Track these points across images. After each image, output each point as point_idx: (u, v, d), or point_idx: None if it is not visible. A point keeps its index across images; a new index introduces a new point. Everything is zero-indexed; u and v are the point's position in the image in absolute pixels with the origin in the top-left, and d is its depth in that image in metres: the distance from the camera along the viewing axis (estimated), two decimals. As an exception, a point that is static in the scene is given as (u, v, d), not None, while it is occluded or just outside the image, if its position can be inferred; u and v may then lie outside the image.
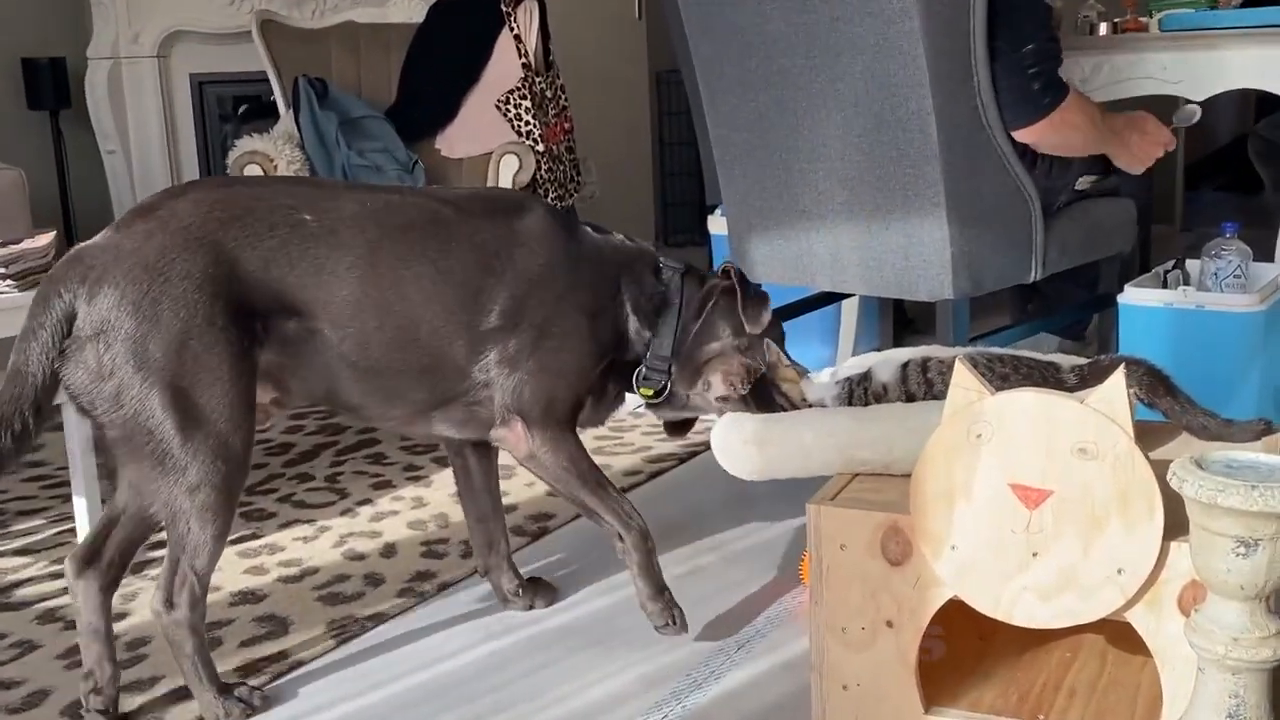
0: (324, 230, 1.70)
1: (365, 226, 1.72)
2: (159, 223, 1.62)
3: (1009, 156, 2.26)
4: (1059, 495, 1.33)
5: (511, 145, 3.92)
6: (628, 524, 1.83)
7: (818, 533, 1.49)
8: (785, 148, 2.40)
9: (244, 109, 4.91)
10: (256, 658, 1.88)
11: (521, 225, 1.81)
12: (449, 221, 1.78)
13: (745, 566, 2.16)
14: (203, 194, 1.69)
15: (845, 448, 1.59)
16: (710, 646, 1.88)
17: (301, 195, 1.73)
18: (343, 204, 1.74)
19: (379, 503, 2.56)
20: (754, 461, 1.67)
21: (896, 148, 2.23)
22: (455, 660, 1.88)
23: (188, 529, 1.62)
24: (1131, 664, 1.59)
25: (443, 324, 1.74)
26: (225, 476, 1.61)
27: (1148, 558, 1.31)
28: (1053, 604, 1.36)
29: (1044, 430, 1.33)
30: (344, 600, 2.09)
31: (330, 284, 1.69)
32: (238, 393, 1.61)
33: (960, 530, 1.38)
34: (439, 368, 1.76)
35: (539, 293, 1.79)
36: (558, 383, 1.80)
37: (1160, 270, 2.54)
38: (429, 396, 1.78)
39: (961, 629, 1.60)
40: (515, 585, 2.05)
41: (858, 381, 1.72)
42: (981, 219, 2.25)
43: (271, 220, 1.68)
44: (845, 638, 1.50)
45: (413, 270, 1.73)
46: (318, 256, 1.69)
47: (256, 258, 1.65)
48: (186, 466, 1.59)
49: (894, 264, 2.30)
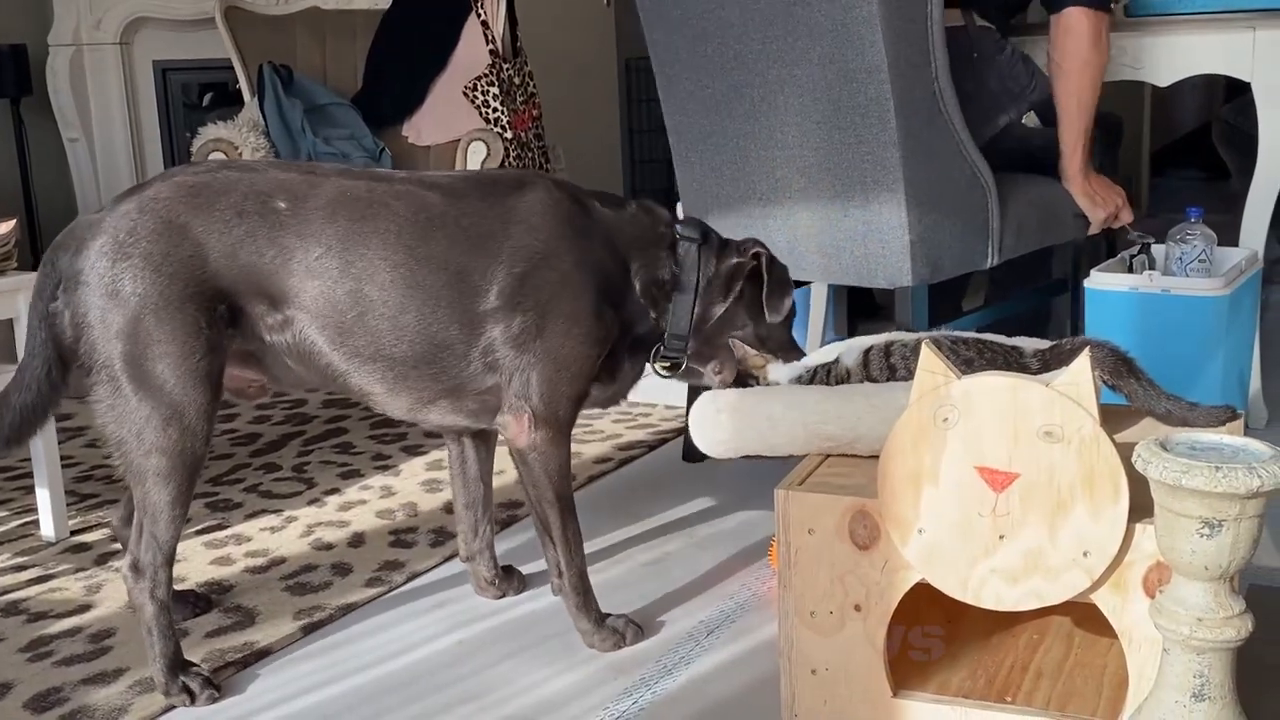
0: (295, 219, 1.71)
1: (338, 215, 1.72)
2: (138, 203, 1.70)
3: (965, 144, 2.28)
4: (1025, 478, 1.34)
5: (479, 132, 3.91)
6: (571, 561, 1.83)
7: (786, 517, 1.49)
8: (741, 134, 2.39)
9: (208, 96, 4.87)
10: (223, 648, 1.87)
11: (520, 202, 1.78)
12: (432, 206, 1.76)
13: (714, 552, 2.16)
14: (186, 178, 1.73)
15: (811, 422, 1.60)
16: (680, 632, 1.88)
17: (282, 182, 1.74)
18: (322, 191, 1.74)
19: (347, 492, 2.55)
20: (724, 431, 1.68)
21: (855, 134, 2.22)
22: (424, 650, 1.87)
23: (146, 492, 1.69)
24: (1098, 645, 1.60)
25: (431, 311, 1.73)
26: (178, 444, 1.68)
27: (1113, 540, 1.32)
28: (1019, 586, 1.36)
29: (1010, 413, 1.34)
30: (311, 590, 2.08)
31: (301, 274, 1.70)
32: (190, 366, 1.67)
33: (927, 514, 1.39)
34: (437, 356, 1.75)
35: (541, 272, 1.75)
36: (561, 374, 1.77)
37: (1126, 255, 2.56)
38: (434, 385, 1.77)
39: (929, 612, 1.61)
40: (493, 573, 2.04)
41: (822, 367, 1.73)
42: (939, 205, 2.26)
43: (242, 207, 1.70)
44: (814, 622, 1.50)
45: (389, 259, 1.72)
46: (286, 246, 1.70)
47: (224, 244, 1.68)
48: (142, 431, 1.67)
49: (852, 251, 2.30)
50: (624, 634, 1.85)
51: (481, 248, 1.75)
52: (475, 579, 2.06)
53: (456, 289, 1.73)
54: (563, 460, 1.80)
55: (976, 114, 2.37)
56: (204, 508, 2.49)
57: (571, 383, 1.78)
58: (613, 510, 2.39)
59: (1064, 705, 1.48)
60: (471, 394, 1.79)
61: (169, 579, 1.73)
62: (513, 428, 1.78)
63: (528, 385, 1.76)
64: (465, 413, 1.82)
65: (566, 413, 1.79)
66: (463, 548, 2.05)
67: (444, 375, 1.76)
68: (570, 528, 1.83)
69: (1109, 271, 2.47)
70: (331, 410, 3.17)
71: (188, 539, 2.31)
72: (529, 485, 1.82)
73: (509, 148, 4.02)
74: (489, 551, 2.04)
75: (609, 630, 1.85)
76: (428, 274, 1.73)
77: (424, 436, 2.90)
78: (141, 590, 1.72)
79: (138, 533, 1.72)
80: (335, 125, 3.96)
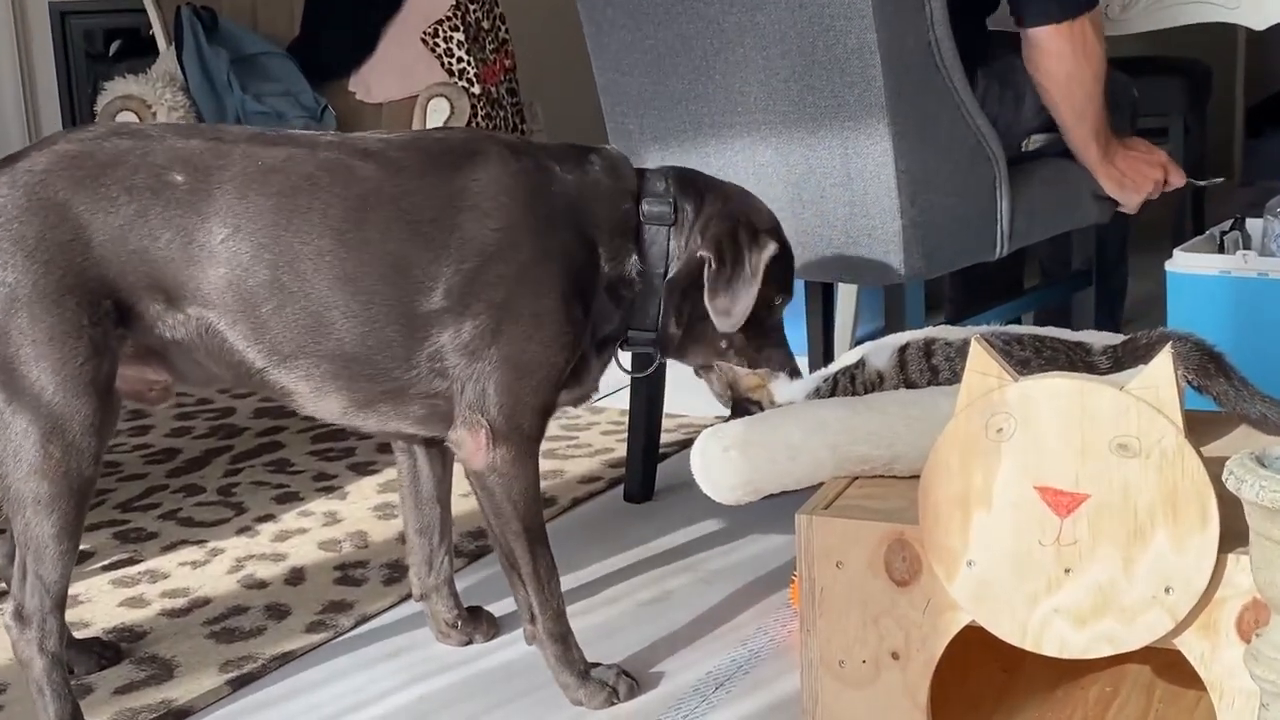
0: (196, 196, 1.70)
1: (249, 191, 1.71)
2: (10, 177, 1.68)
3: (968, 105, 2.25)
4: (1095, 500, 1.34)
5: (441, 86, 3.90)
6: (545, 602, 1.83)
7: (809, 548, 1.49)
8: (692, 96, 2.36)
9: (116, 45, 4.87)
10: (135, 706, 1.87)
11: (470, 182, 1.77)
12: (366, 180, 1.75)
13: (723, 590, 2.17)
14: (66, 146, 1.72)
15: (839, 445, 1.60)
16: (683, 686, 1.88)
17: (182, 151, 1.73)
18: (231, 161, 1.73)
19: (283, 519, 2.55)
20: (736, 473, 1.67)
21: (832, 95, 2.20)
22: (378, 707, 1.87)
23: (26, 524, 1.69)
24: (1183, 700, 1.61)
25: (362, 308, 1.73)
26: (60, 464, 1.67)
27: (1200, 573, 1.32)
28: (1089, 630, 1.37)
29: (1077, 423, 1.34)
30: (241, 637, 2.08)
31: (203, 260, 1.70)
32: (70, 372, 1.66)
33: (978, 543, 1.39)
34: (371, 358, 1.75)
35: (495, 266, 1.75)
36: (523, 382, 1.77)
37: (1216, 232, 2.56)
38: (369, 387, 1.78)
39: (981, 660, 1.61)
40: (454, 614, 2.04)
41: (844, 371, 1.73)
42: (936, 183, 2.24)
43: (131, 183, 1.69)
44: (843, 673, 1.50)
45: (312, 245, 1.72)
46: (185, 227, 1.70)
47: (110, 226, 1.68)
48: (19, 449, 1.66)
49: (832, 241, 2.28)
50: (616, 687, 1.84)
51: (424, 237, 1.74)
52: (434, 621, 2.05)
53: (394, 284, 1.73)
54: (528, 482, 1.80)
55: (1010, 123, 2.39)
56: (112, 538, 2.49)
57: (535, 392, 1.77)
58: (603, 539, 2.39)
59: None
60: (417, 398, 1.79)
61: (61, 626, 1.72)
62: (468, 445, 1.77)
63: (483, 396, 1.75)
64: (411, 418, 1.82)
65: (532, 426, 1.79)
66: (416, 584, 2.05)
67: (381, 377, 1.77)
68: (542, 563, 1.82)
69: (1195, 251, 2.47)
70: (265, 420, 3.17)
71: (93, 575, 2.31)
72: (490, 514, 1.81)
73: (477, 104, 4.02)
74: (448, 588, 2.04)
75: (596, 684, 1.83)
76: (359, 265, 1.72)
77: (375, 451, 2.91)
78: (28, 642, 1.70)
79: (21, 574, 1.71)
80: (268, 79, 3.96)
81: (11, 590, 1.74)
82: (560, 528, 2.44)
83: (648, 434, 2.55)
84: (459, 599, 2.05)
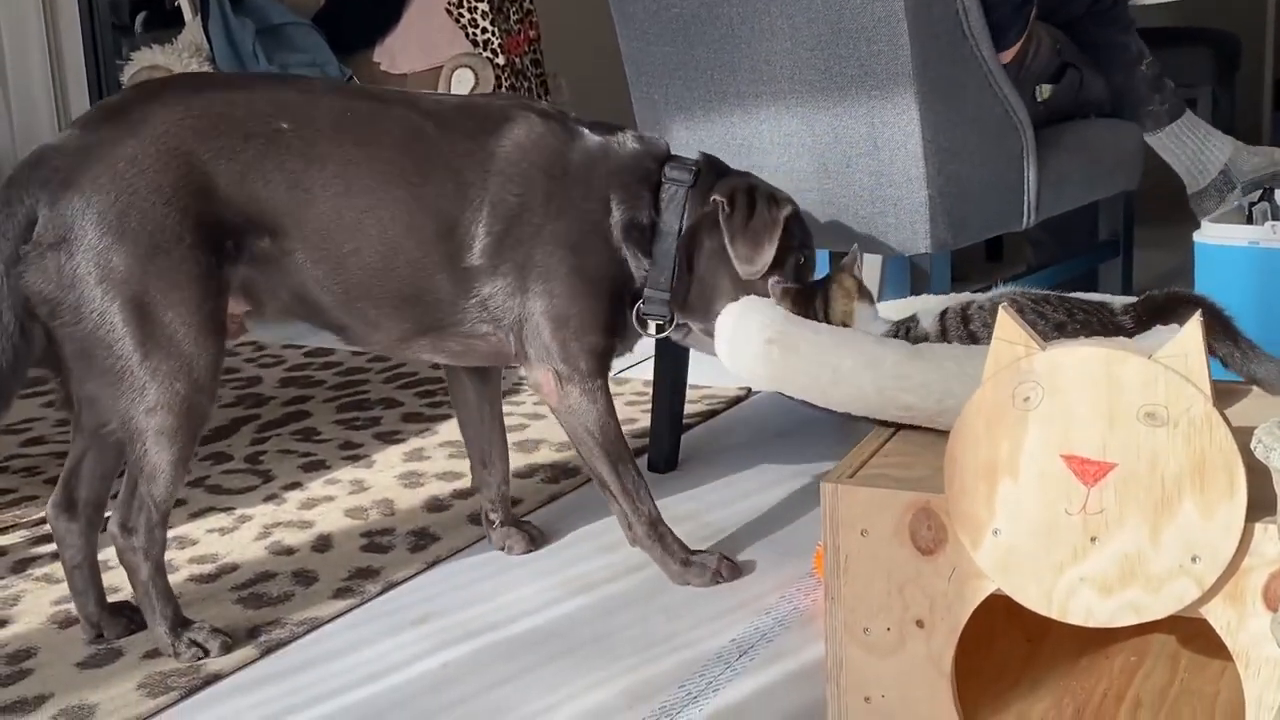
0: (301, 141, 1.85)
1: (343, 140, 1.87)
2: (129, 127, 1.77)
3: (995, 74, 2.24)
4: (1122, 469, 1.34)
5: (465, 57, 3.90)
6: (637, 510, 2.03)
7: (834, 516, 1.49)
8: (717, 65, 2.36)
9: (142, 16, 4.87)
10: (164, 671, 1.88)
11: (499, 147, 1.92)
12: (431, 140, 1.90)
13: (747, 558, 2.17)
14: (177, 96, 1.83)
15: (887, 388, 1.59)
16: (707, 654, 1.88)
17: (282, 100, 1.87)
18: (321, 111, 1.88)
19: (310, 487, 2.56)
20: (772, 365, 1.67)
21: (859, 64, 2.19)
22: (403, 673, 1.88)
23: (144, 452, 1.81)
24: (1208, 669, 1.61)
25: (422, 256, 1.89)
26: (185, 400, 1.80)
27: (1228, 542, 1.32)
28: (1114, 598, 1.36)
29: (1104, 391, 1.33)
30: (269, 603, 2.09)
31: (304, 201, 1.85)
32: (204, 315, 1.79)
33: (1004, 512, 1.39)
34: (422, 300, 1.92)
35: (516, 229, 1.92)
36: (563, 330, 1.95)
37: (1245, 203, 2.54)
38: (415, 325, 1.95)
39: (1006, 629, 1.61)
40: (497, 516, 2.21)
41: (902, 324, 1.75)
42: (963, 153, 2.23)
43: (248, 129, 1.82)
44: (867, 641, 1.50)
45: (390, 194, 1.88)
46: (293, 170, 1.84)
47: (232, 171, 1.81)
48: (145, 386, 1.77)
49: (857, 211, 2.27)
50: (719, 570, 2.05)
51: (466, 199, 1.91)
52: (485, 523, 2.24)
53: (445, 239, 1.90)
54: (599, 413, 1.99)
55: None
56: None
57: (579, 336, 1.96)
58: (627, 508, 2.40)
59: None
60: (458, 337, 1.96)
61: (165, 537, 1.88)
62: (544, 389, 2.00)
63: (543, 347, 1.96)
64: (447, 353, 2.01)
65: (589, 366, 1.98)
66: (473, 476, 2.25)
67: (429, 318, 1.95)
68: (628, 478, 2.03)
69: (1224, 222, 2.46)
70: (291, 390, 3.18)
71: (121, 542, 2.33)
72: (576, 445, 2.04)
73: (501, 76, 4.01)
74: (498, 490, 2.22)
75: (699, 567, 2.05)
76: (422, 217, 1.89)
77: (401, 421, 2.91)
78: (134, 550, 1.86)
79: (128, 493, 1.85)
80: (293, 49, 3.96)
81: (117, 506, 1.87)
82: (585, 497, 2.45)
83: (672, 405, 2.56)
84: (508, 506, 2.24)
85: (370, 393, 3.16)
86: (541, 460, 2.64)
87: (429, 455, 2.70)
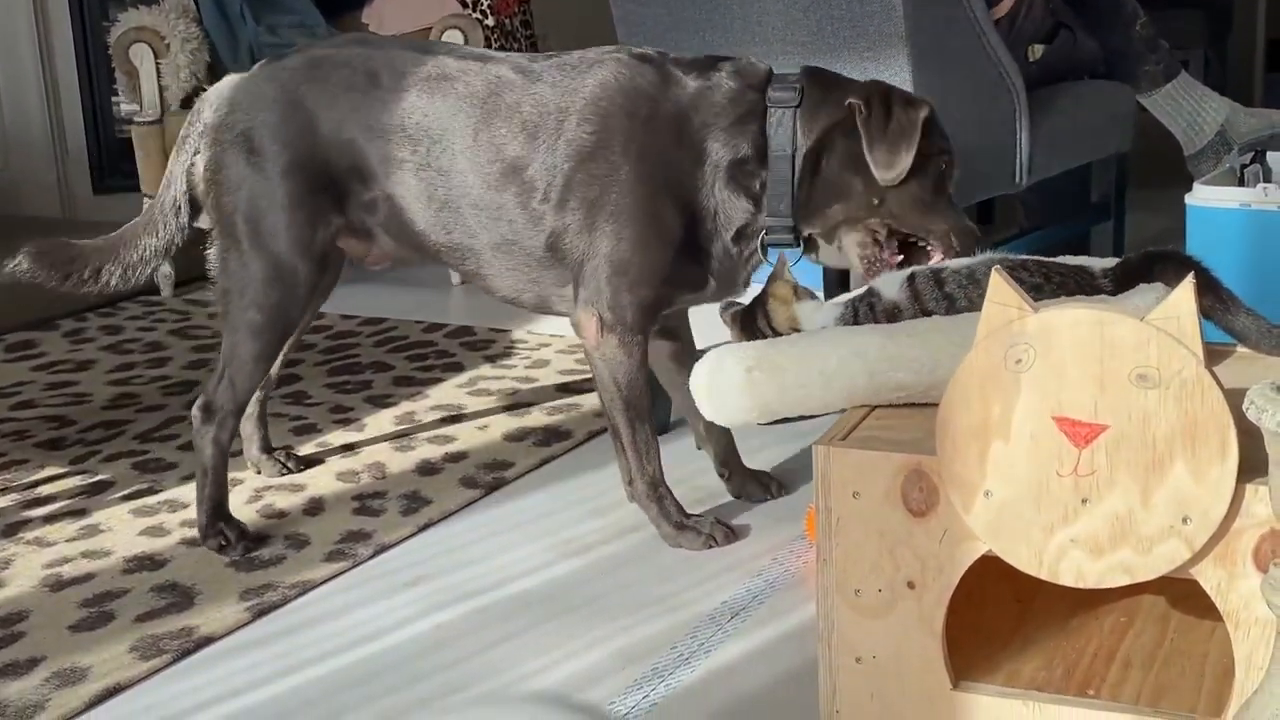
0: (395, 94, 2.04)
1: (434, 93, 2.04)
2: (270, 72, 2.12)
3: (988, 35, 2.23)
4: (1114, 431, 1.34)
5: (455, 18, 3.88)
6: (642, 468, 2.08)
7: (826, 478, 1.49)
8: (709, 26, 2.35)
9: (129, -24, 4.83)
10: (156, 634, 1.89)
11: (581, 89, 2.01)
12: (514, 88, 2.03)
13: (739, 521, 2.18)
14: (314, 52, 2.14)
15: (877, 371, 1.58)
16: (699, 615, 1.89)
17: (393, 58, 2.08)
18: (423, 68, 2.06)
19: (301, 450, 2.56)
20: (759, 393, 1.64)
21: (852, 24, 2.18)
22: (396, 635, 1.89)
23: (236, 343, 2.11)
24: (1198, 630, 1.61)
25: (495, 199, 2.02)
26: (276, 304, 2.09)
27: (1219, 503, 1.32)
28: (1105, 559, 1.37)
29: (1096, 353, 1.33)
30: (261, 566, 2.09)
31: (395, 149, 2.04)
32: (296, 234, 2.07)
33: (996, 474, 1.39)
34: (509, 246, 2.05)
35: (589, 167, 1.98)
36: (620, 279, 1.99)
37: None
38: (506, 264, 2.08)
39: (996, 590, 1.61)
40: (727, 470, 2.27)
41: (862, 299, 1.72)
42: (956, 114, 2.22)
43: (350, 82, 2.06)
44: (859, 602, 1.51)
45: (471, 141, 2.02)
46: (386, 120, 2.04)
47: (332, 118, 2.06)
48: (246, 286, 2.09)
49: None
50: (712, 534, 2.08)
51: (535, 140, 2.00)
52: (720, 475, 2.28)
53: (511, 179, 2.01)
54: (631, 367, 2.03)
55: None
56: (131, 468, 2.50)
57: (633, 288, 1.99)
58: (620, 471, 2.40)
59: (1157, 699, 1.49)
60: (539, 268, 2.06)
61: (236, 428, 2.17)
62: (585, 329, 2.03)
63: (596, 289, 2.00)
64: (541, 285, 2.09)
65: (635, 319, 2.01)
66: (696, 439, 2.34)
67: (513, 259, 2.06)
68: (641, 435, 2.07)
69: (1216, 185, 2.45)
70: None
71: (113, 505, 2.33)
72: (599, 389, 2.07)
73: (491, 36, 3.99)
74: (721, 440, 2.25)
75: (693, 531, 2.08)
76: (496, 161, 2.01)
77: (391, 385, 2.91)
78: (205, 433, 2.13)
79: (218, 379, 2.13)
80: (282, 11, 3.93)
81: (206, 388, 2.15)
82: (577, 460, 2.45)
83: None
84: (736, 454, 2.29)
85: (361, 356, 3.16)
86: (533, 424, 2.64)
87: (420, 418, 2.70)
